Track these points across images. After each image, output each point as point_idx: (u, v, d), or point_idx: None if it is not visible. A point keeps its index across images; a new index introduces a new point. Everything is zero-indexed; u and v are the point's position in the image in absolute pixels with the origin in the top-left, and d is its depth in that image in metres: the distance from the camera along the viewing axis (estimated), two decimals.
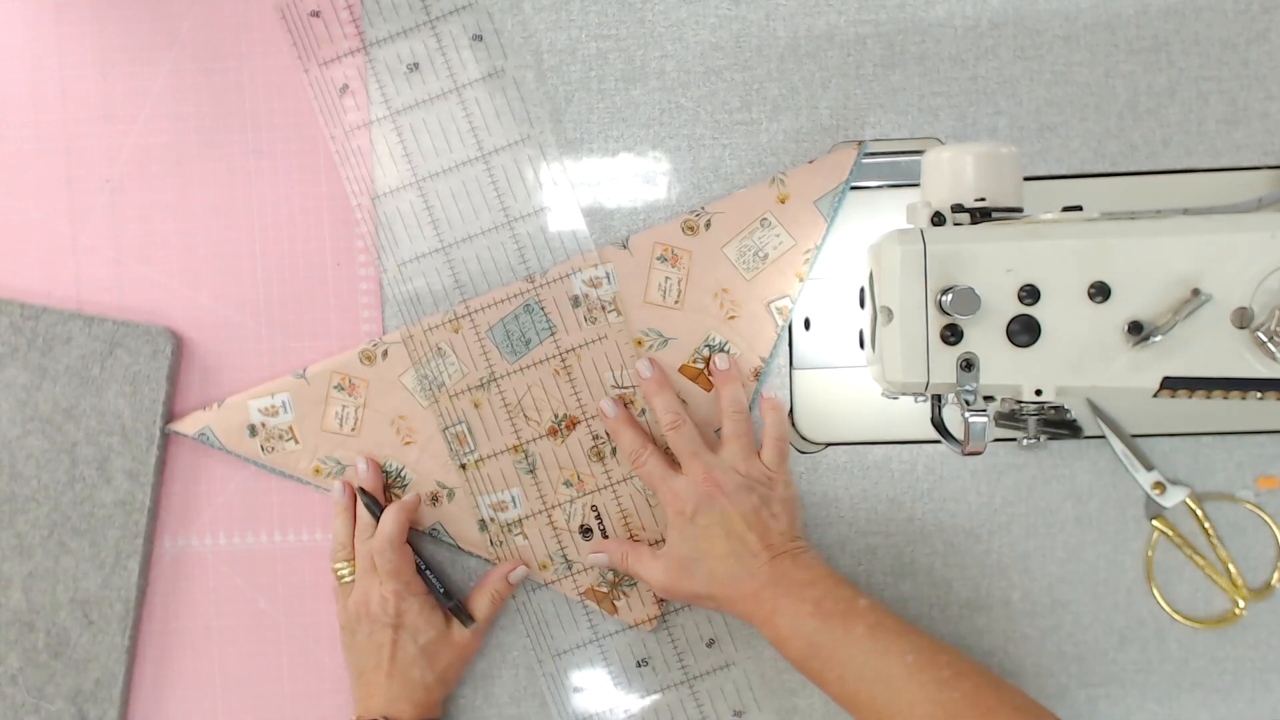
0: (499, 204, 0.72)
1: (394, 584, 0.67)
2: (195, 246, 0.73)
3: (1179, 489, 0.70)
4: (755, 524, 0.65)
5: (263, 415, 0.71)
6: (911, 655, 0.60)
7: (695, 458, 0.67)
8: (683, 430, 0.67)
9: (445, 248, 0.72)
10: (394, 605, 0.67)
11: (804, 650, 0.62)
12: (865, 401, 0.71)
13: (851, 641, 0.61)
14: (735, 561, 0.64)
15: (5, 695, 0.71)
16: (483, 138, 0.72)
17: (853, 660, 0.60)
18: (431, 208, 0.72)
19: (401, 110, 0.72)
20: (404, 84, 0.72)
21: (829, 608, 0.62)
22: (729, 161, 0.72)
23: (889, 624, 0.62)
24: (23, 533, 0.71)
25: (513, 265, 0.72)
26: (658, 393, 0.69)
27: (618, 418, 0.69)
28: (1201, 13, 0.70)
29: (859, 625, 0.61)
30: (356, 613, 0.68)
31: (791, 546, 0.65)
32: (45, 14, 0.73)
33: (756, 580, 0.64)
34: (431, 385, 0.71)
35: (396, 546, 0.67)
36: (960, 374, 0.55)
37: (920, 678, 0.59)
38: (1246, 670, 0.71)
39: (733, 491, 0.65)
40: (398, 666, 0.67)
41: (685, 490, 0.66)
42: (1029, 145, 0.71)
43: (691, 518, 0.65)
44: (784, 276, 0.71)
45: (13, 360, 0.71)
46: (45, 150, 0.73)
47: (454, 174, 0.72)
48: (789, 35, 0.72)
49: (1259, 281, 0.51)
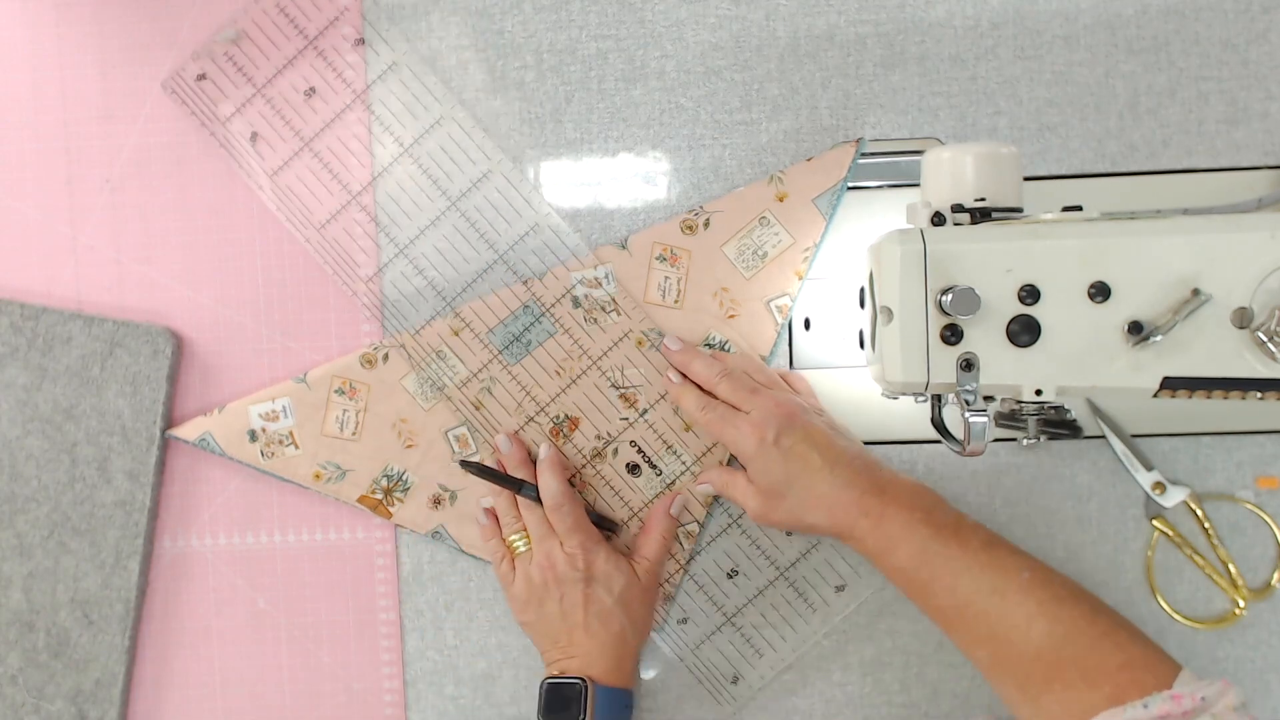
0: (438, 191, 0.71)
1: (578, 537, 0.66)
2: (195, 246, 0.73)
3: (1179, 489, 0.70)
4: (836, 437, 0.65)
5: (263, 420, 0.71)
6: (1028, 573, 0.59)
7: (756, 393, 0.65)
8: (734, 375, 0.67)
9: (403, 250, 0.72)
10: (583, 559, 0.66)
11: (915, 558, 0.60)
12: (865, 401, 0.71)
13: (967, 553, 0.60)
14: (831, 473, 0.63)
15: (5, 695, 0.71)
16: (398, 132, 0.72)
17: (968, 571, 0.59)
18: (376, 216, 0.72)
19: (314, 136, 0.72)
20: (309, 110, 0.72)
21: (940, 519, 0.61)
22: (729, 161, 0.72)
23: (1002, 542, 0.61)
24: (23, 533, 0.71)
25: (472, 244, 0.71)
26: (694, 359, 0.68)
27: (681, 382, 0.68)
28: (1201, 13, 0.70)
29: (974, 539, 0.61)
30: (543, 579, 0.67)
31: (878, 459, 0.65)
32: (45, 14, 0.73)
33: (857, 487, 0.62)
34: (433, 388, 0.71)
35: (571, 499, 0.67)
36: (960, 374, 0.55)
37: (1038, 594, 0.58)
38: (1246, 670, 0.71)
39: (803, 412, 0.65)
40: (596, 619, 0.66)
41: (761, 417, 0.64)
42: (1029, 145, 0.71)
43: (776, 441, 0.63)
44: (783, 275, 0.71)
45: (13, 360, 0.71)
46: (45, 150, 0.73)
47: (386, 178, 0.72)
48: (789, 35, 0.72)
49: (1259, 281, 0.51)
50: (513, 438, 0.71)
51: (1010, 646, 0.58)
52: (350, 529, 0.73)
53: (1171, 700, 0.52)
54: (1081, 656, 0.56)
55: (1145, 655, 0.56)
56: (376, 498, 0.72)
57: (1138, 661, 0.56)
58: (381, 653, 0.73)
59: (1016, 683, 0.58)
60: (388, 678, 0.73)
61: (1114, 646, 0.56)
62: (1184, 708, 0.52)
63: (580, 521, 0.67)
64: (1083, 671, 0.56)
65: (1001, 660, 0.59)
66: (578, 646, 0.66)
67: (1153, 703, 0.53)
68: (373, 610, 0.73)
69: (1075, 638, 0.57)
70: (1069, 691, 0.55)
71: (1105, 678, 0.55)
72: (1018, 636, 0.58)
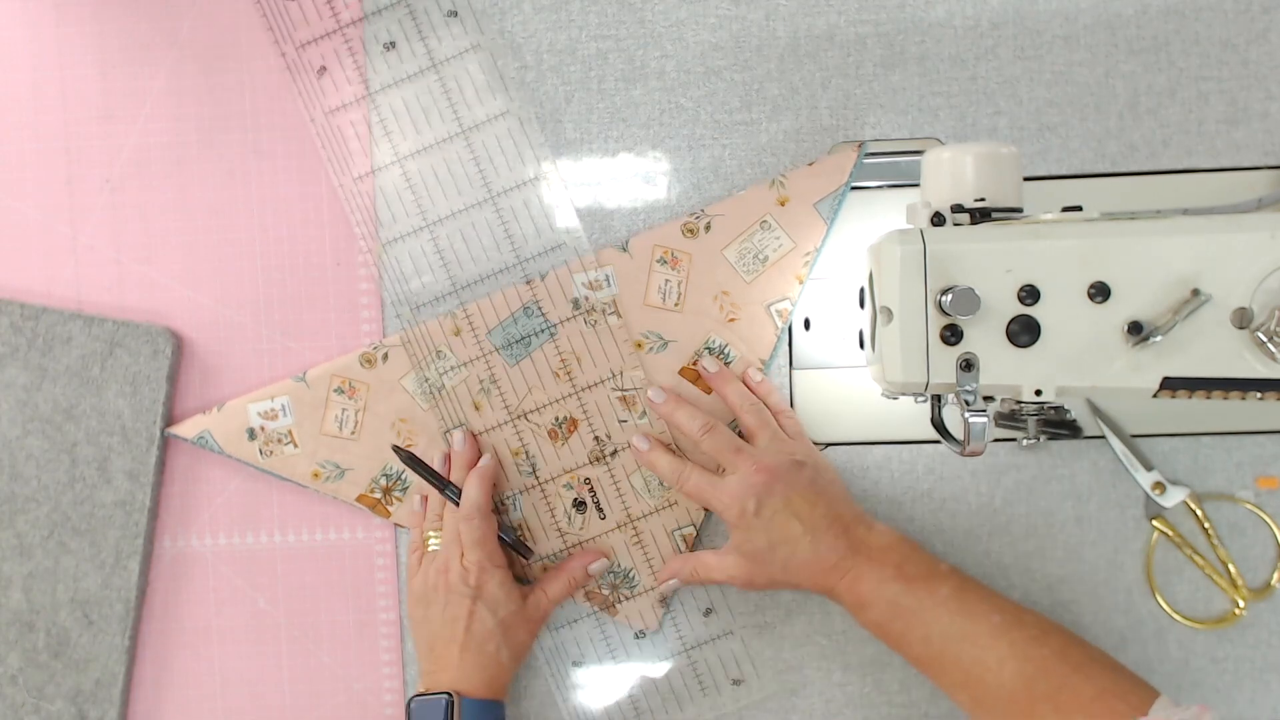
0: (480, 180, 0.71)
1: (478, 554, 0.66)
2: (195, 246, 0.73)
3: (1179, 489, 0.70)
4: (818, 499, 0.65)
5: (262, 419, 0.71)
6: (998, 616, 0.60)
7: (738, 452, 0.66)
8: (718, 431, 0.67)
9: (429, 225, 0.71)
10: (475, 576, 0.66)
11: (887, 613, 0.62)
12: (865, 401, 0.71)
13: (937, 603, 0.61)
14: (811, 540, 0.64)
15: (5, 695, 0.71)
16: (462, 114, 0.71)
17: (938, 621, 0.61)
18: (414, 186, 0.72)
19: (380, 89, 0.71)
20: (381, 63, 0.72)
21: (911, 571, 0.62)
22: (729, 162, 0.72)
23: (973, 587, 0.62)
24: (23, 533, 0.71)
25: (499, 243, 0.71)
26: (677, 409, 0.69)
27: (650, 449, 0.69)
28: (1201, 13, 0.70)
29: (943, 587, 0.62)
30: (435, 582, 0.67)
31: (859, 513, 0.66)
32: (45, 14, 0.73)
33: (836, 552, 0.64)
34: (432, 388, 0.71)
35: (484, 514, 0.67)
36: (960, 374, 0.55)
37: (1009, 636, 0.59)
38: (1246, 670, 0.71)
39: (785, 473, 0.65)
40: (473, 639, 0.66)
41: (740, 487, 0.65)
42: (1029, 145, 0.71)
43: (757, 511, 0.64)
44: (784, 279, 0.71)
45: (13, 360, 0.71)
46: (45, 150, 0.73)
47: (435, 151, 0.71)
48: (789, 35, 0.72)
49: (1259, 281, 0.51)
50: (469, 437, 0.70)
51: (986, 689, 0.59)
52: (350, 529, 0.73)
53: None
54: (1054, 692, 0.57)
55: (1118, 684, 0.56)
56: (375, 497, 0.72)
57: (1111, 691, 0.56)
58: (381, 653, 0.73)
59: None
60: (388, 678, 0.73)
61: (1085, 679, 0.57)
62: None
63: (485, 539, 0.67)
64: (1056, 706, 0.56)
65: (981, 702, 0.59)
66: (450, 660, 0.66)
67: None
68: (373, 610, 0.73)
69: (1047, 675, 0.57)
70: None
71: (1078, 710, 0.55)
72: (992, 679, 0.59)
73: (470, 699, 0.64)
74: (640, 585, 0.71)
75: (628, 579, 0.71)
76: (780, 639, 0.72)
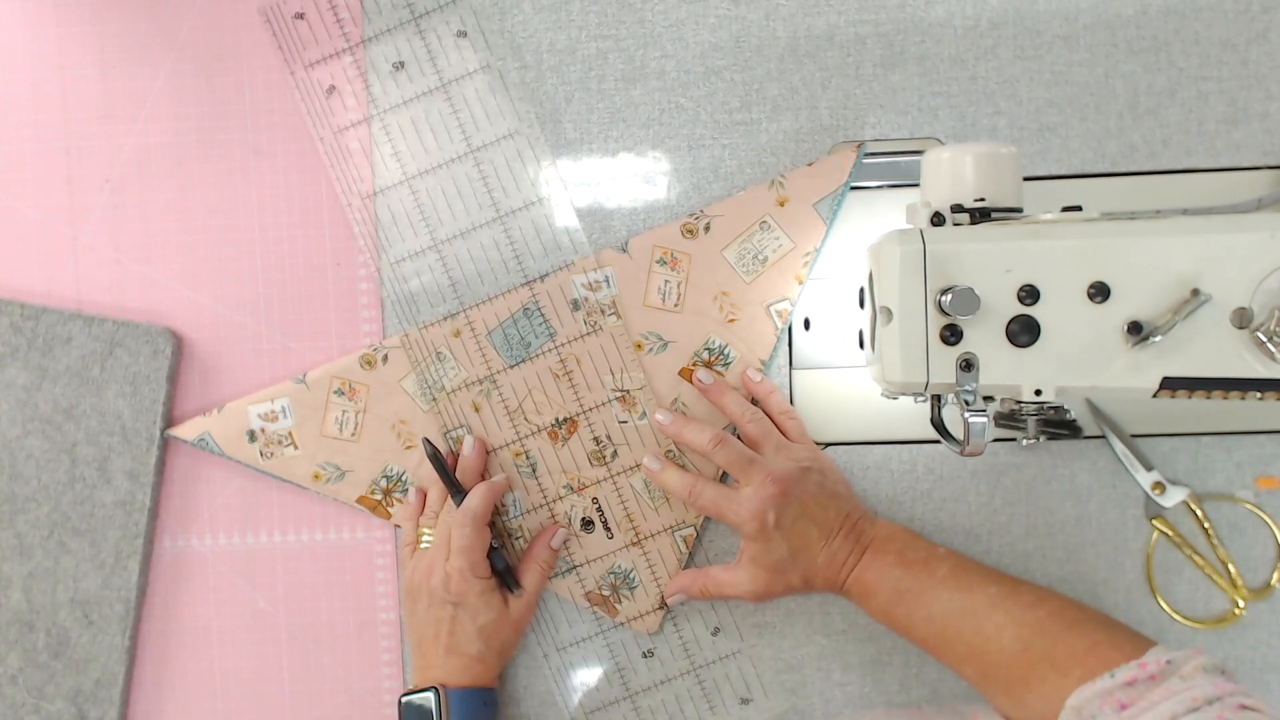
0: (489, 199, 0.72)
1: (461, 562, 0.66)
2: (195, 246, 0.73)
3: (1179, 489, 0.70)
4: (829, 502, 0.66)
5: (262, 420, 0.71)
6: (994, 587, 0.62)
7: (750, 463, 0.66)
8: (728, 444, 0.67)
9: (437, 245, 0.72)
10: (456, 585, 0.66)
11: (890, 598, 0.64)
12: (865, 401, 0.71)
13: (936, 582, 0.63)
14: (825, 543, 0.66)
15: (5, 695, 0.71)
16: (470, 134, 0.72)
17: (939, 599, 0.63)
18: (422, 205, 0.72)
19: (389, 109, 0.72)
20: (390, 83, 0.72)
21: (911, 556, 0.65)
22: (729, 162, 0.72)
23: (970, 564, 0.65)
24: (23, 533, 0.71)
25: (505, 261, 0.72)
26: (685, 426, 0.69)
27: (661, 469, 0.69)
28: (1201, 13, 0.70)
29: (941, 567, 0.64)
30: (421, 580, 0.68)
31: (864, 510, 0.67)
32: (45, 14, 0.73)
33: (845, 550, 0.66)
34: (432, 389, 0.71)
35: (478, 524, 0.67)
36: (960, 374, 0.55)
37: (1005, 605, 0.61)
38: (1246, 670, 0.71)
39: (796, 482, 0.66)
40: (455, 641, 0.67)
41: (756, 501, 0.65)
42: (1029, 145, 0.71)
43: (777, 523, 0.65)
44: (783, 279, 0.71)
45: (13, 360, 0.71)
46: (45, 150, 0.73)
47: (443, 170, 0.72)
48: (789, 35, 0.72)
49: (1259, 281, 0.51)
50: (480, 444, 0.71)
51: (988, 658, 0.60)
52: (350, 529, 0.73)
53: (1138, 667, 0.54)
54: (1050, 650, 0.58)
55: (1113, 637, 0.58)
56: (376, 498, 0.72)
57: (1105, 643, 0.57)
58: (381, 653, 0.73)
59: (1002, 689, 0.60)
60: (387, 678, 0.73)
61: (1079, 635, 0.58)
62: (1150, 672, 0.54)
63: (472, 548, 0.67)
64: (1053, 663, 0.58)
65: (985, 672, 0.61)
66: (436, 659, 0.67)
67: (1119, 672, 0.54)
68: (373, 610, 0.73)
69: (1043, 635, 0.59)
70: (1045, 685, 0.57)
71: (1074, 662, 0.57)
72: (993, 648, 0.60)
73: (459, 690, 0.66)
74: (640, 585, 0.71)
75: (627, 580, 0.71)
76: (780, 639, 0.72)
